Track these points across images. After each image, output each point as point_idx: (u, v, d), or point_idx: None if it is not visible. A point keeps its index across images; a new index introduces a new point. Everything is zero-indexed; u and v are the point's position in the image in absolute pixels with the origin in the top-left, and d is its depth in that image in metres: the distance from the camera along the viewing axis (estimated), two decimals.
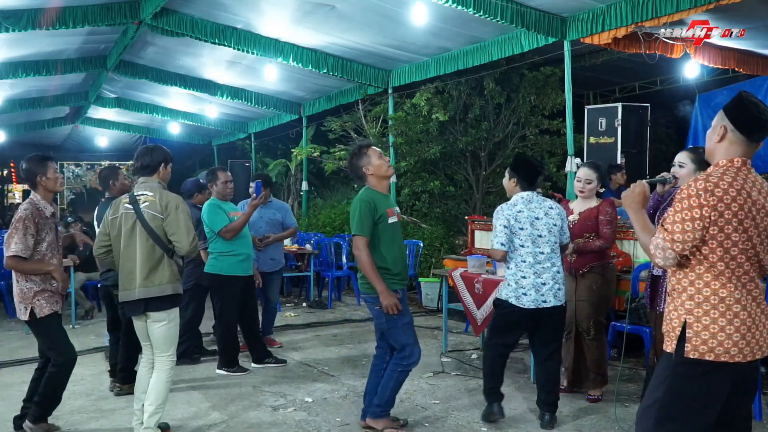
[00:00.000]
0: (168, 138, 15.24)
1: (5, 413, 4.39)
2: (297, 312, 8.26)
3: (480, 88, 9.91)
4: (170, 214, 3.69)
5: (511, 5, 6.51)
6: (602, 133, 7.71)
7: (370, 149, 3.97)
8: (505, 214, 4.02)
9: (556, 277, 3.99)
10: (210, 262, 5.47)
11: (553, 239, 4.00)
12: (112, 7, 7.78)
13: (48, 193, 4.02)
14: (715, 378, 2.36)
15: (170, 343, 3.86)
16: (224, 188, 5.54)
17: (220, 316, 5.53)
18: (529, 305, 3.96)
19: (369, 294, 3.90)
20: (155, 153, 3.88)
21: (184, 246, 3.70)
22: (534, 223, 3.98)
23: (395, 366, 3.93)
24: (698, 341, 2.36)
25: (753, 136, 2.40)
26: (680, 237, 2.33)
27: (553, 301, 3.98)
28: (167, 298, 3.77)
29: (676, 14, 5.88)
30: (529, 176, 4.10)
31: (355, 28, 7.97)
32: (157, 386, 3.80)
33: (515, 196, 4.10)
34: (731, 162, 2.40)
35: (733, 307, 2.35)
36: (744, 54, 8.05)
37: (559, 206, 4.11)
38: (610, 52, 8.89)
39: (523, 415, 4.33)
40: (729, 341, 2.34)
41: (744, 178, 2.37)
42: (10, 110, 12.09)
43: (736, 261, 2.34)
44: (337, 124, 11.62)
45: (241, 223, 5.38)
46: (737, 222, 2.32)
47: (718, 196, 2.30)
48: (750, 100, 2.40)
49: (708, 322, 2.36)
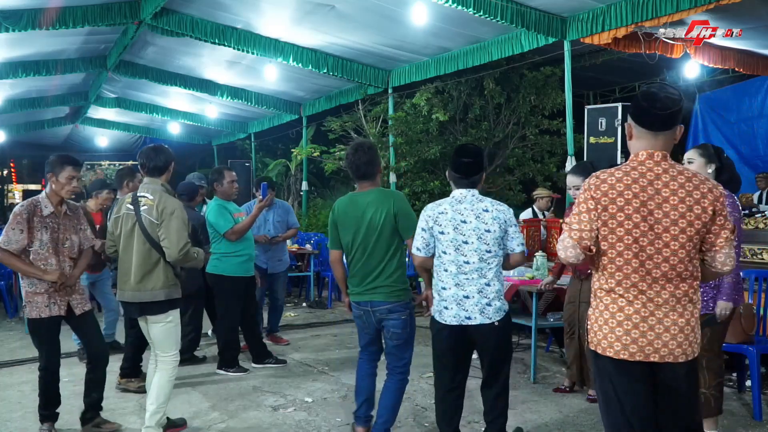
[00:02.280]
0: (168, 138, 15.22)
1: (5, 413, 4.39)
2: (297, 312, 8.26)
3: (480, 88, 9.91)
4: (164, 219, 3.68)
5: (511, 5, 6.51)
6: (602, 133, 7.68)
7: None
8: (425, 215, 3.43)
9: (485, 290, 3.32)
10: (212, 262, 5.44)
11: (484, 247, 3.31)
12: (112, 7, 7.78)
13: (54, 194, 3.91)
14: (609, 372, 2.39)
15: (171, 343, 3.86)
16: (230, 188, 5.54)
17: (222, 316, 5.55)
18: (451, 321, 3.36)
19: (400, 302, 3.64)
20: (165, 154, 3.88)
21: (172, 253, 3.67)
22: (459, 227, 3.33)
23: (402, 381, 3.76)
24: (591, 334, 2.46)
25: (652, 126, 2.36)
26: (576, 226, 2.38)
27: (480, 318, 3.32)
28: (162, 303, 3.76)
29: (676, 14, 5.88)
30: (460, 169, 3.40)
31: (355, 28, 7.96)
32: (158, 385, 3.81)
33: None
34: (636, 156, 2.40)
35: (618, 301, 2.36)
36: (744, 54, 8.05)
37: (503, 209, 3.38)
38: (610, 52, 8.89)
39: (523, 415, 4.33)
40: (612, 335, 2.36)
41: (644, 171, 2.34)
42: (10, 110, 12.09)
43: (623, 257, 2.33)
44: (337, 124, 11.62)
45: (247, 225, 5.39)
46: (623, 217, 2.31)
47: (603, 190, 2.34)
48: (645, 93, 2.38)
49: (597, 315, 2.43)
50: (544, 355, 5.92)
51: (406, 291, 3.68)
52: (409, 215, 3.63)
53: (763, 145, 9.97)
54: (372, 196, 3.65)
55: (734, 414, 4.29)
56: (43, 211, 3.86)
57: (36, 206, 3.86)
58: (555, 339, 5.94)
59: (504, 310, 3.38)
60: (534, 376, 5.12)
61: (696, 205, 2.29)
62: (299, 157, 12.57)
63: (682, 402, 2.39)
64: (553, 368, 5.47)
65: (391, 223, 3.59)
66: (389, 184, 10.07)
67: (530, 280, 5.21)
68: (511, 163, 10.39)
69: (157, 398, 3.80)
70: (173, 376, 3.89)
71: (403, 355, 3.73)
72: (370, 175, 3.69)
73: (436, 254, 3.44)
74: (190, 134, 15.48)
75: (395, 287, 3.63)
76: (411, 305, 3.72)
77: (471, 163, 3.39)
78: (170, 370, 3.85)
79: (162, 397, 3.82)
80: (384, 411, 3.73)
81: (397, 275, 3.64)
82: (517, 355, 5.88)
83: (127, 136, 16.23)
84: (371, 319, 3.72)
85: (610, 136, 7.67)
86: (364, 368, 3.92)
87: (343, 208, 3.74)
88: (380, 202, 3.60)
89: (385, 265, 3.62)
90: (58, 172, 3.86)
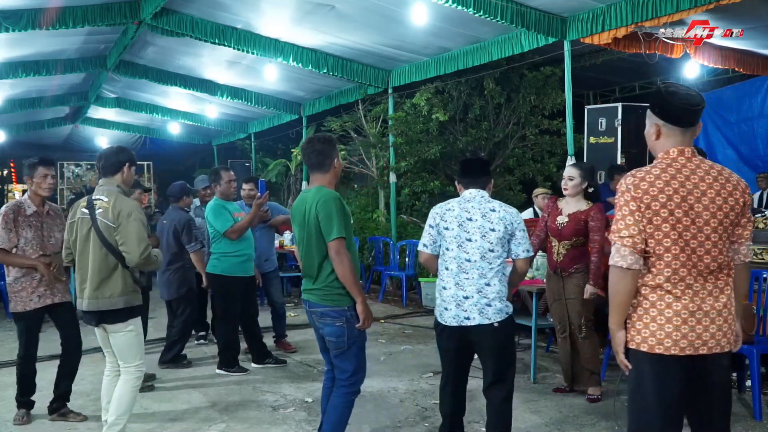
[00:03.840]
0: (168, 138, 15.25)
1: (5, 413, 4.39)
2: (297, 312, 8.25)
3: (480, 88, 9.92)
4: (121, 222, 3.47)
5: (511, 5, 6.51)
6: (602, 133, 7.70)
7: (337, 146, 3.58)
8: (433, 213, 3.50)
9: (485, 290, 3.29)
10: (212, 262, 5.47)
11: (487, 246, 3.30)
12: (112, 7, 7.77)
13: (34, 194, 4.23)
14: (656, 370, 2.36)
15: (134, 352, 3.67)
16: (228, 188, 5.54)
17: (222, 316, 5.54)
18: (450, 322, 3.33)
19: (334, 307, 3.35)
20: (120, 153, 3.70)
21: (133, 257, 3.47)
22: (464, 224, 3.35)
23: (348, 396, 3.44)
24: (634, 332, 2.41)
25: (681, 123, 2.40)
26: (626, 232, 2.35)
27: (479, 318, 3.27)
28: (120, 312, 3.58)
29: (676, 14, 5.88)
30: (467, 171, 3.51)
31: (355, 28, 7.96)
32: (121, 397, 3.61)
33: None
34: (666, 154, 2.41)
35: (666, 297, 2.35)
36: (744, 54, 8.05)
37: (512, 212, 3.40)
38: (610, 52, 8.90)
39: (523, 415, 4.33)
40: (661, 332, 2.34)
41: (679, 167, 2.37)
42: (10, 110, 12.08)
43: (671, 252, 2.33)
44: (337, 124, 11.63)
45: (246, 223, 5.39)
46: (667, 213, 2.32)
47: (643, 189, 2.33)
48: (669, 91, 2.41)
49: (641, 313, 2.39)
50: (544, 355, 5.92)
51: (341, 296, 3.35)
52: (328, 218, 3.29)
53: (763, 145, 9.98)
54: (310, 194, 3.45)
55: (734, 414, 4.27)
56: (27, 210, 4.18)
57: (20, 207, 4.18)
58: (555, 339, 5.94)
59: (506, 312, 3.33)
60: (534, 376, 5.11)
61: (729, 197, 2.35)
62: (299, 157, 12.57)
63: (722, 394, 2.44)
64: (553, 368, 5.47)
65: (316, 224, 3.34)
66: (389, 184, 10.08)
67: (530, 280, 5.21)
68: (511, 163, 10.39)
69: (117, 409, 3.60)
70: (137, 387, 3.68)
71: (346, 367, 3.42)
72: (316, 168, 3.48)
73: (440, 252, 3.44)
74: (190, 134, 15.48)
75: (328, 291, 3.35)
76: (349, 313, 3.36)
77: (479, 164, 3.54)
78: (133, 380, 3.65)
79: (122, 408, 3.61)
80: (327, 428, 3.44)
81: (333, 278, 3.34)
82: (517, 355, 5.85)
83: (127, 136, 16.22)
84: (311, 320, 3.54)
85: (610, 136, 7.68)
86: (324, 387, 3.64)
87: (295, 203, 3.59)
88: (311, 201, 3.38)
89: (320, 265, 3.37)
90: (32, 173, 4.17)
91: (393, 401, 4.68)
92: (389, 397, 4.76)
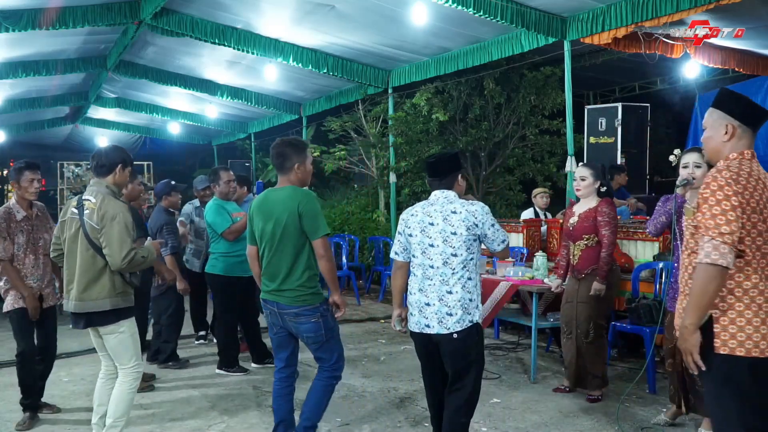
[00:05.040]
0: (168, 138, 15.23)
1: (5, 413, 4.40)
2: None
3: (480, 88, 9.91)
4: (105, 225, 3.44)
5: (511, 5, 6.51)
6: (602, 133, 7.70)
7: (308, 149, 3.64)
8: (400, 218, 3.42)
9: (446, 299, 3.18)
10: (211, 262, 5.48)
11: (450, 251, 3.19)
12: (112, 7, 7.77)
13: (21, 198, 4.25)
14: (754, 374, 2.26)
15: (129, 354, 3.63)
16: (227, 188, 5.54)
17: (221, 316, 5.55)
18: (414, 328, 3.30)
19: (308, 305, 3.48)
20: (112, 153, 3.66)
21: (115, 261, 3.42)
22: (426, 229, 3.25)
23: (330, 380, 3.61)
24: (726, 336, 2.30)
25: (757, 126, 2.44)
26: (727, 228, 2.26)
27: (437, 327, 3.19)
28: (107, 314, 3.52)
29: (676, 14, 5.88)
30: (431, 172, 3.39)
31: (355, 28, 7.96)
32: (118, 399, 3.59)
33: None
34: (742, 155, 2.40)
35: (757, 299, 2.29)
36: (744, 54, 8.05)
37: (476, 210, 3.25)
38: (610, 52, 8.89)
39: (523, 415, 4.33)
40: (758, 334, 2.26)
41: (756, 167, 2.40)
42: (10, 110, 12.07)
43: (761, 251, 2.30)
44: (337, 124, 11.63)
45: (243, 224, 5.38)
46: (759, 210, 2.31)
47: (742, 184, 2.30)
48: (740, 96, 2.44)
49: (735, 315, 2.29)
50: (544, 355, 5.92)
51: (314, 295, 3.51)
52: (314, 216, 3.42)
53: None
54: (283, 194, 3.51)
55: None
56: (17, 216, 4.21)
57: (10, 213, 4.19)
58: (555, 339, 5.94)
59: (469, 321, 3.20)
60: (534, 376, 5.11)
61: None
62: None
63: None
64: (553, 368, 5.47)
65: (295, 224, 3.42)
66: (389, 184, 10.08)
67: (530, 280, 5.21)
68: (511, 163, 10.39)
69: (115, 411, 3.57)
70: (134, 388, 3.67)
71: (328, 357, 3.60)
72: (279, 169, 3.56)
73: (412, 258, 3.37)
74: (190, 134, 15.47)
75: (301, 291, 3.47)
76: (323, 307, 3.54)
77: (443, 162, 3.37)
78: (131, 382, 3.63)
79: (120, 410, 3.59)
80: (306, 409, 3.58)
81: (305, 278, 3.47)
82: (517, 355, 5.88)
83: (127, 136, 16.21)
84: (278, 320, 3.59)
85: (610, 136, 7.68)
86: (277, 387, 3.71)
87: (257, 203, 3.60)
88: (288, 201, 3.44)
89: (291, 267, 3.46)
90: (18, 178, 4.21)
91: (393, 401, 4.68)
92: (389, 397, 4.77)
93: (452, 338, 3.18)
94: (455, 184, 3.37)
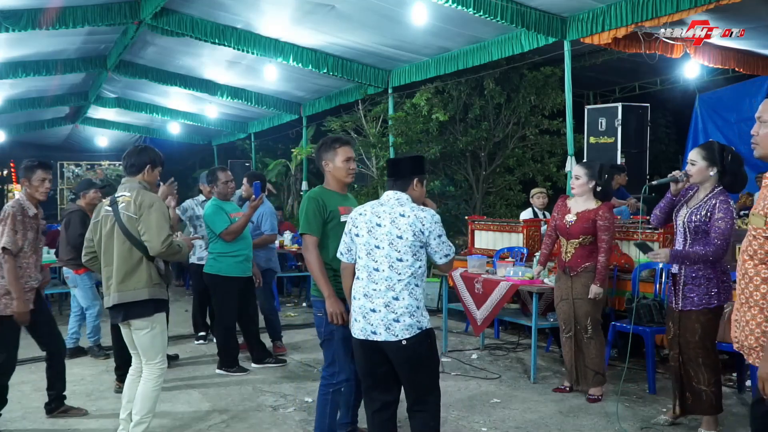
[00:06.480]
0: (168, 138, 15.23)
1: (5, 413, 4.39)
2: (297, 312, 8.26)
3: (480, 88, 9.91)
4: (143, 213, 3.55)
5: (511, 5, 6.51)
6: (602, 133, 7.70)
7: (341, 147, 3.60)
8: (350, 217, 3.26)
9: (393, 305, 3.00)
10: (209, 262, 5.48)
11: (395, 254, 3.01)
12: (112, 7, 7.77)
13: (30, 196, 4.20)
14: None
15: (157, 350, 3.70)
16: (225, 188, 5.54)
17: (220, 316, 5.54)
18: (358, 335, 3.09)
19: (318, 297, 3.54)
20: (143, 153, 3.79)
21: (155, 246, 3.52)
22: (373, 230, 3.09)
23: (325, 387, 3.56)
24: None
25: None
26: None
27: (385, 334, 2.99)
28: (145, 304, 3.60)
29: (676, 14, 5.88)
30: (389, 172, 3.28)
31: (355, 28, 7.96)
32: (144, 395, 3.66)
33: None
34: None
35: None
36: (744, 54, 8.05)
37: (425, 217, 3.04)
38: (610, 52, 8.89)
39: (523, 415, 4.33)
40: None
41: None
42: (10, 110, 12.09)
43: None
44: (337, 124, 11.63)
45: (241, 225, 5.38)
46: None
47: None
48: None
49: None
50: (544, 355, 5.92)
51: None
52: (300, 214, 3.63)
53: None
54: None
55: (734, 414, 4.29)
56: (29, 212, 4.14)
57: (23, 207, 4.13)
58: (555, 339, 5.94)
59: (419, 327, 3.01)
60: (534, 376, 5.11)
61: None
62: (299, 157, 12.57)
63: None
64: (553, 368, 5.47)
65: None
66: None
67: (530, 280, 5.21)
68: (511, 163, 10.39)
69: (142, 408, 3.63)
70: (160, 385, 3.72)
71: (325, 356, 3.58)
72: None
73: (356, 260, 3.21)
74: (190, 134, 15.48)
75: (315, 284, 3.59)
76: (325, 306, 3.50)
77: (402, 163, 3.25)
78: (156, 378, 3.69)
79: (147, 407, 3.65)
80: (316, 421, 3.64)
81: None
82: (517, 355, 5.88)
83: (127, 136, 16.23)
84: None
85: (610, 136, 7.68)
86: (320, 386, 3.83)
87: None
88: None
89: None
90: (30, 176, 4.17)
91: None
92: None
93: (401, 345, 3.00)
94: (410, 188, 3.20)
